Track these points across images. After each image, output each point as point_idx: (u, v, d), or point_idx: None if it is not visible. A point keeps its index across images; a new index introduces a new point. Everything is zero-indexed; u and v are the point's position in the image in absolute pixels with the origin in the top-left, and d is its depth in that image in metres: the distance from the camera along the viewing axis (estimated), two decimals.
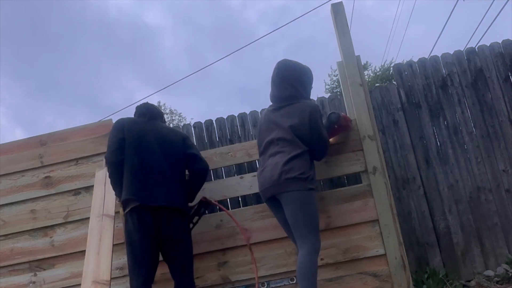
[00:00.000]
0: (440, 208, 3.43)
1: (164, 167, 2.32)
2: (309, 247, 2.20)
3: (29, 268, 2.78)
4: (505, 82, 3.56)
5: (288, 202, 2.26)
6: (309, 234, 2.23)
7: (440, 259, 3.36)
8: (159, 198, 2.23)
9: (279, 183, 2.26)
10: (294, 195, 2.24)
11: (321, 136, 2.39)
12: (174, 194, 2.31)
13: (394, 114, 3.61)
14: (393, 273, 2.56)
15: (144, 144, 2.33)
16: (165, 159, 2.34)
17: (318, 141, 2.38)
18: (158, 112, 2.61)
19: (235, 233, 2.69)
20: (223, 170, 3.54)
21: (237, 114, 3.80)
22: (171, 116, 18.19)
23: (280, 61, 2.52)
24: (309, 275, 2.14)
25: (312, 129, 2.35)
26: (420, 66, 3.69)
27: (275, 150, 2.36)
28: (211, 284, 2.66)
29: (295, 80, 2.45)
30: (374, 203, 2.63)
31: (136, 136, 2.34)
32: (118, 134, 2.35)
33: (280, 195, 2.28)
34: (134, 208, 2.20)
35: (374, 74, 15.15)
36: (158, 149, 2.35)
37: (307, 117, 2.35)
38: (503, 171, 3.42)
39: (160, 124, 2.53)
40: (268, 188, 2.33)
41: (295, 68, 2.49)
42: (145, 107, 2.55)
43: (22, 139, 2.97)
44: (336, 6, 2.87)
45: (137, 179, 2.25)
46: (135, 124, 2.42)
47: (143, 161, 2.29)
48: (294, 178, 2.24)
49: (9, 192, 2.87)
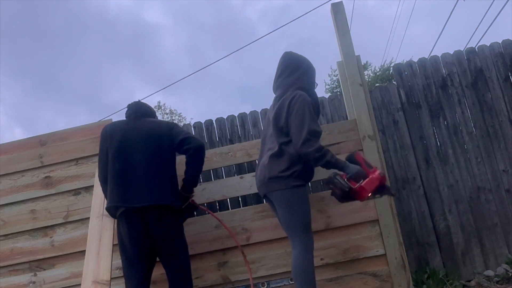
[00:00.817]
0: (440, 208, 3.43)
1: (150, 166, 2.24)
2: (301, 247, 2.12)
3: (29, 268, 2.78)
4: (505, 82, 3.56)
5: (276, 201, 2.23)
6: (300, 233, 2.15)
7: (440, 259, 3.36)
8: (145, 198, 2.17)
9: (265, 183, 2.26)
10: (277, 195, 2.20)
11: (296, 121, 2.15)
12: (163, 192, 2.23)
13: (394, 114, 3.61)
14: (393, 273, 2.56)
15: (128, 148, 2.27)
16: (152, 156, 2.27)
17: (293, 128, 2.16)
18: (145, 110, 2.50)
19: (235, 233, 2.69)
20: (223, 170, 3.54)
21: (237, 114, 3.81)
22: (171, 116, 18.22)
23: (283, 53, 2.51)
24: (304, 275, 2.08)
25: (288, 114, 2.19)
26: (420, 66, 3.69)
27: (267, 147, 2.36)
28: (211, 284, 2.66)
29: (292, 69, 2.38)
30: (374, 203, 2.63)
31: (118, 142, 2.28)
32: (104, 144, 2.33)
33: (269, 194, 2.26)
34: (122, 212, 2.18)
35: (374, 74, 15.15)
36: (143, 148, 2.27)
37: (287, 104, 2.21)
38: (503, 171, 3.42)
39: (145, 121, 2.42)
40: (259, 188, 2.37)
41: (294, 58, 2.44)
42: (130, 108, 2.48)
43: (22, 139, 2.97)
44: (336, 6, 2.88)
45: (119, 185, 2.20)
46: (119, 130, 2.35)
47: (126, 165, 2.23)
48: (275, 178, 2.18)
49: (9, 192, 2.87)
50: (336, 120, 3.69)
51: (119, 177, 2.22)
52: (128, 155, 2.25)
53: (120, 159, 2.25)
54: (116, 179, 2.23)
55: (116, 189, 2.21)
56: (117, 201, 2.19)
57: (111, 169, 2.24)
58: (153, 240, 2.18)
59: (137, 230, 2.16)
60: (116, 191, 2.21)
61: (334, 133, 2.75)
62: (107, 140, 2.32)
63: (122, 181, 2.21)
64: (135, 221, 2.16)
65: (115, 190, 2.21)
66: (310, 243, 2.17)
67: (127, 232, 2.17)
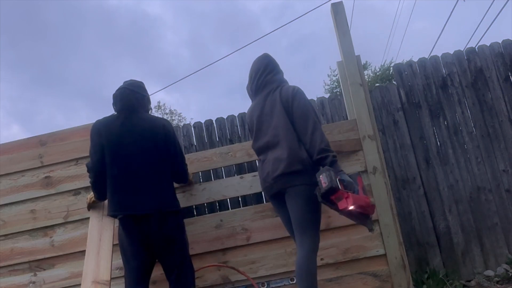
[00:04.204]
0: (440, 208, 3.43)
1: (147, 170, 2.18)
2: (309, 246, 2.09)
3: (29, 268, 2.78)
4: (505, 82, 3.56)
5: (293, 197, 2.15)
6: (311, 232, 2.11)
7: (440, 259, 3.36)
8: (146, 205, 2.13)
9: (283, 177, 2.17)
10: (298, 190, 2.13)
11: (302, 111, 2.20)
12: (164, 197, 2.20)
13: (394, 114, 3.61)
14: (393, 273, 2.56)
15: (123, 150, 2.18)
16: (149, 159, 2.20)
17: (298, 117, 2.21)
18: (137, 101, 2.30)
19: (235, 233, 2.69)
20: (223, 170, 3.54)
21: (237, 114, 3.81)
22: (171, 116, 18.21)
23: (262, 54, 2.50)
24: (310, 276, 2.05)
25: (293, 103, 2.24)
26: (420, 66, 3.69)
27: (275, 140, 2.30)
28: (211, 284, 2.66)
29: (277, 69, 2.43)
30: (374, 203, 2.62)
31: (114, 142, 2.18)
32: (97, 141, 2.21)
33: (287, 190, 2.17)
34: (122, 217, 2.16)
35: (374, 74, 15.14)
36: (139, 150, 2.19)
37: (291, 92, 2.27)
38: (503, 171, 3.42)
39: (139, 118, 2.27)
40: (272, 185, 2.24)
41: (274, 60, 2.46)
42: (121, 100, 2.27)
43: (22, 139, 2.97)
44: (336, 6, 2.87)
45: (118, 191, 2.17)
46: (112, 129, 2.22)
47: (124, 170, 2.17)
48: (297, 172, 2.15)
49: (9, 192, 2.87)
50: (336, 120, 3.69)
51: (117, 183, 2.17)
52: (124, 159, 2.18)
53: (117, 164, 2.17)
54: (114, 185, 2.18)
55: (116, 197, 2.17)
56: (117, 210, 2.16)
57: (109, 175, 2.19)
58: (154, 242, 2.17)
59: (138, 234, 2.15)
60: (117, 198, 2.17)
61: (334, 133, 2.75)
62: (101, 136, 2.20)
63: (120, 187, 2.17)
64: (136, 226, 2.14)
65: (115, 198, 2.17)
66: (317, 244, 2.15)
67: (128, 235, 2.16)
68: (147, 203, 2.14)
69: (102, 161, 2.20)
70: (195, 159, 2.82)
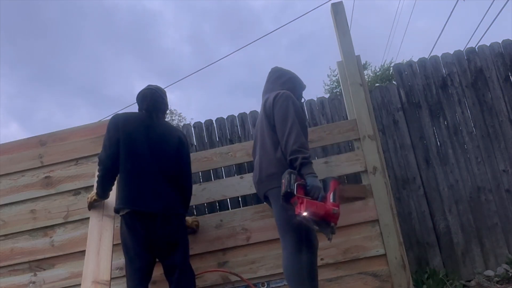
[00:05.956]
0: (440, 208, 3.44)
1: (158, 172, 2.23)
2: (292, 246, 2.08)
3: (29, 268, 2.78)
4: (505, 82, 3.56)
5: (273, 200, 2.19)
6: (290, 233, 2.10)
7: (440, 259, 3.36)
8: (152, 204, 2.17)
9: (262, 182, 2.26)
10: (274, 193, 2.14)
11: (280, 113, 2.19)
12: (169, 200, 2.23)
13: (394, 114, 3.61)
14: (393, 273, 2.56)
15: (139, 148, 2.23)
16: (161, 162, 2.25)
17: (277, 119, 2.23)
18: (161, 104, 2.40)
19: (235, 233, 2.69)
20: (223, 170, 3.54)
21: (237, 114, 3.81)
22: (171, 116, 18.18)
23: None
24: (297, 277, 2.04)
25: (273, 108, 2.25)
26: (420, 66, 3.69)
27: (260, 146, 2.39)
28: (211, 284, 2.66)
29: (278, 76, 2.46)
30: (374, 203, 2.63)
31: (131, 139, 2.23)
32: (114, 134, 2.24)
33: (268, 193, 2.23)
34: (128, 212, 2.18)
35: (374, 74, 15.13)
36: (154, 151, 2.25)
37: (272, 99, 2.29)
38: (503, 171, 3.42)
39: (160, 122, 2.38)
40: (257, 190, 2.36)
41: (281, 69, 2.52)
42: (151, 100, 2.35)
43: (22, 139, 2.97)
44: (336, 6, 2.87)
45: (130, 186, 2.19)
46: (132, 125, 2.28)
47: (137, 166, 2.21)
48: (271, 175, 2.20)
49: (9, 192, 2.87)
50: (336, 120, 3.69)
51: (129, 178, 2.21)
52: (139, 157, 2.23)
53: (132, 160, 2.21)
54: (126, 180, 2.21)
55: (126, 191, 2.20)
56: (125, 203, 2.17)
57: (122, 169, 2.22)
58: (158, 241, 2.19)
59: (142, 231, 2.16)
60: (127, 192, 2.20)
61: (334, 133, 2.75)
62: (119, 131, 2.23)
63: (131, 182, 2.20)
64: (140, 224, 2.16)
65: (125, 192, 2.20)
66: (304, 244, 2.10)
67: (131, 232, 2.18)
68: (154, 203, 2.18)
69: (116, 155, 2.22)
70: (195, 159, 2.82)
